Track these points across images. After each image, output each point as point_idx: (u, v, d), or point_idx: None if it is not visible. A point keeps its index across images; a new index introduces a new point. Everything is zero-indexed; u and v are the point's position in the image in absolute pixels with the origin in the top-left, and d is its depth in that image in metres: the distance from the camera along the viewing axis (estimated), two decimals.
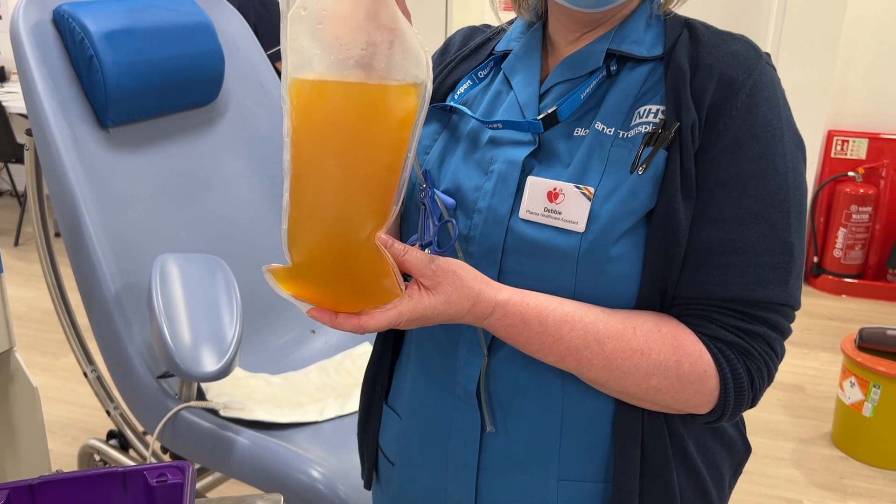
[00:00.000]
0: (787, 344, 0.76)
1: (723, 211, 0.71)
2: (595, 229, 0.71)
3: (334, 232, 0.66)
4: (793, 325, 0.75)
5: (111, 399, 1.83)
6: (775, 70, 0.76)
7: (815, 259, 3.81)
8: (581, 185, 0.73)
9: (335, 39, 0.62)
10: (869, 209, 3.65)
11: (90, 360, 1.84)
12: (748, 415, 2.62)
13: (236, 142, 1.87)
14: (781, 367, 0.75)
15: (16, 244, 4.12)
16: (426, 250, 0.71)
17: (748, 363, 0.72)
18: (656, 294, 0.73)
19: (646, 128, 0.73)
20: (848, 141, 3.70)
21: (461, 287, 0.69)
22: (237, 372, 1.66)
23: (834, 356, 3.03)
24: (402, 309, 0.67)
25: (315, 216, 0.66)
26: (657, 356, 0.71)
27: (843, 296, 3.69)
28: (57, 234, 2.58)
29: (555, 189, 0.73)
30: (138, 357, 1.52)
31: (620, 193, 0.71)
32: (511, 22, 0.90)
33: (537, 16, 0.85)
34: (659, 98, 0.75)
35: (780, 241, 0.71)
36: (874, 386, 2.32)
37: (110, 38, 1.55)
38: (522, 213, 0.75)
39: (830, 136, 3.73)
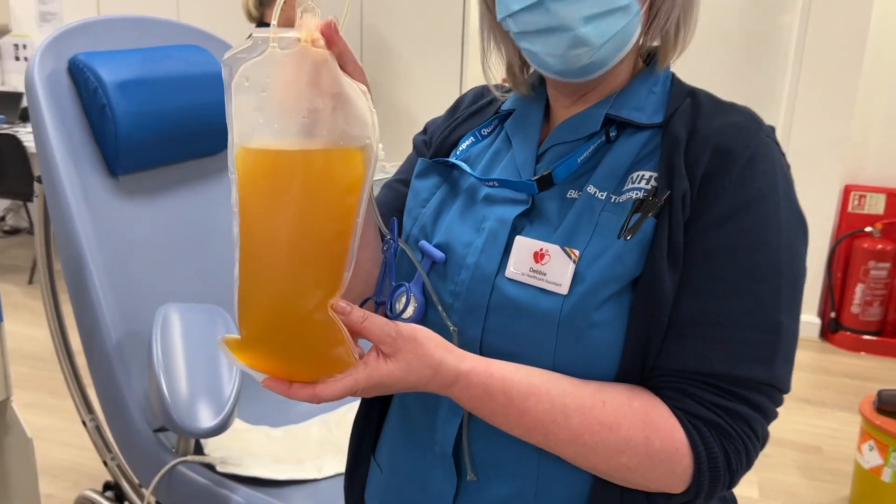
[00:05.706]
0: (802, 402, 0.73)
1: (707, 282, 0.69)
2: (578, 292, 0.69)
3: (283, 302, 0.63)
4: (808, 383, 0.72)
5: (109, 450, 1.80)
6: (778, 144, 0.74)
7: (833, 315, 3.74)
8: (567, 248, 0.71)
9: (278, 107, 0.61)
10: (888, 265, 3.59)
11: (90, 409, 1.82)
12: (762, 476, 2.55)
13: None
14: (797, 426, 0.72)
15: (30, 282, 4.14)
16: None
17: (725, 443, 0.68)
18: (637, 364, 0.70)
19: (637, 194, 0.72)
20: (865, 196, 3.67)
21: (422, 354, 0.66)
22: (237, 424, 1.63)
23: (851, 416, 2.94)
24: (358, 377, 0.65)
25: (263, 287, 0.63)
26: (626, 432, 0.67)
27: (862, 353, 3.60)
28: None
29: (541, 250, 0.72)
30: (137, 408, 1.50)
31: (606, 258, 0.69)
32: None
33: (533, 88, 0.85)
34: (653, 165, 0.74)
35: (766, 318, 0.68)
36: (894, 450, 2.25)
37: (123, 88, 1.56)
38: (508, 272, 0.73)
39: (848, 190, 3.69)
